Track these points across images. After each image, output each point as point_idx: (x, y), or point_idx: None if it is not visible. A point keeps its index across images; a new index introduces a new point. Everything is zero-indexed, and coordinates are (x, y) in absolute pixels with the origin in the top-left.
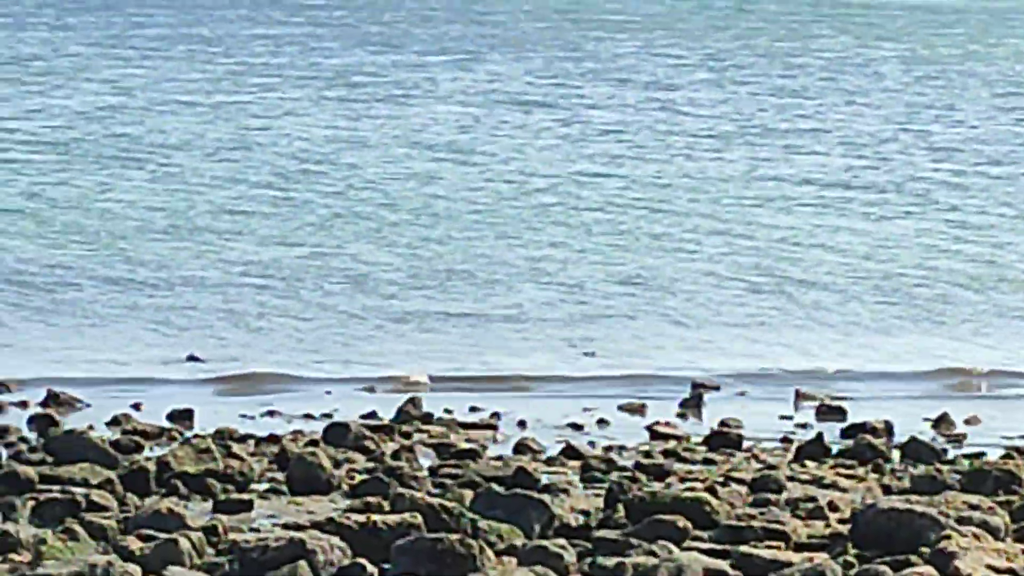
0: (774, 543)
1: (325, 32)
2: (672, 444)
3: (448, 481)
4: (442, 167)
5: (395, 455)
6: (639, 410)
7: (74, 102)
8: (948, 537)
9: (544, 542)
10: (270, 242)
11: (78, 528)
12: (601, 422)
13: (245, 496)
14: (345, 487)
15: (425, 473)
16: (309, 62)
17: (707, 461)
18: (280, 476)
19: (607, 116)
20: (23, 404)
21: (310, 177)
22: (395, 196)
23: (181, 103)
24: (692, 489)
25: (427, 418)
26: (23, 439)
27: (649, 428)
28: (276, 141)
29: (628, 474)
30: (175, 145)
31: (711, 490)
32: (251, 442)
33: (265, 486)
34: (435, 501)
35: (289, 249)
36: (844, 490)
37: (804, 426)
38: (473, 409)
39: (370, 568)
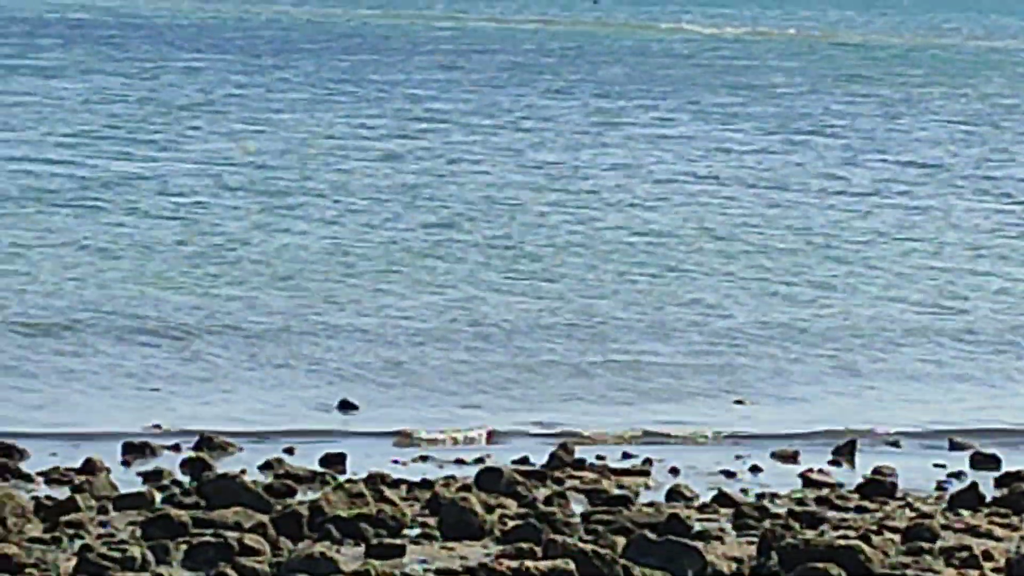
0: None
1: (496, 77)
2: (825, 492)
3: (600, 527)
4: (604, 213)
5: (547, 501)
6: (792, 457)
7: (232, 144)
8: None
9: None
10: (431, 286)
11: (231, 572)
12: (754, 469)
13: (397, 541)
14: (497, 533)
15: (577, 519)
16: (477, 107)
17: (860, 509)
18: (432, 521)
19: (769, 161)
20: (176, 448)
21: (475, 222)
22: (557, 241)
23: (353, 147)
24: (846, 537)
25: (579, 464)
26: (176, 483)
27: (802, 475)
28: (443, 185)
29: (781, 521)
30: (331, 189)
31: (865, 538)
32: (403, 487)
33: (417, 531)
34: (587, 547)
35: (449, 293)
36: (999, 539)
37: (958, 475)
38: (625, 455)
39: None
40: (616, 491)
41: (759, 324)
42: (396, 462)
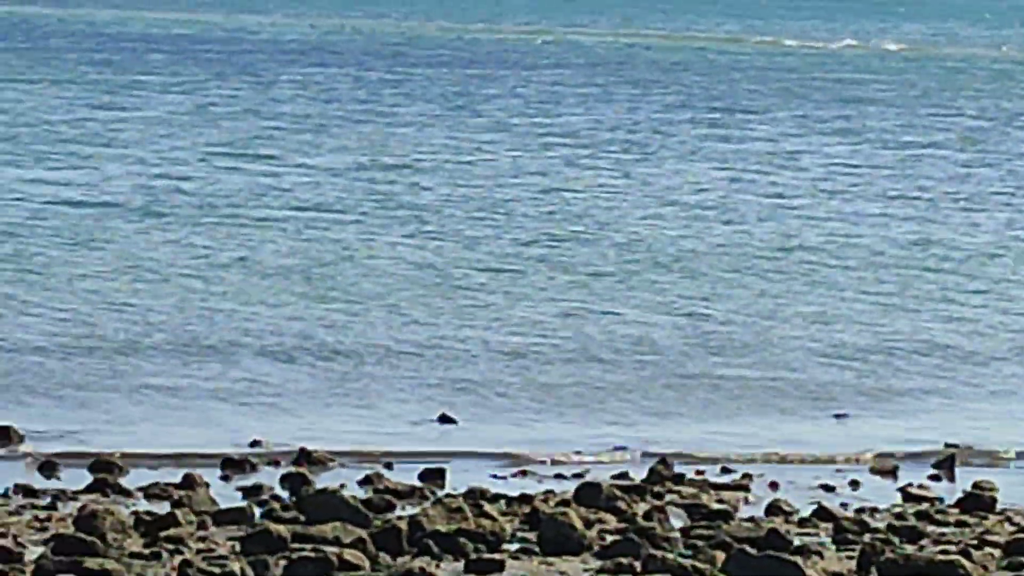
0: None
1: (598, 91)
2: (925, 506)
3: (700, 542)
4: (710, 227)
5: (647, 516)
6: (891, 472)
7: (334, 159)
8: None
9: None
10: (531, 300)
11: None
12: (853, 483)
13: (497, 556)
14: (596, 548)
15: (677, 534)
16: (582, 121)
17: (960, 524)
18: (531, 536)
19: (877, 174)
20: (275, 463)
21: (579, 236)
22: (662, 255)
23: (457, 162)
24: (945, 552)
25: (678, 479)
26: (275, 497)
27: (902, 490)
28: (547, 200)
29: (881, 536)
30: (436, 203)
31: (965, 553)
32: (503, 502)
33: (516, 546)
34: (687, 562)
35: (552, 308)
36: None
37: None
38: (725, 470)
39: None
40: (715, 506)
41: (863, 337)
42: (495, 477)
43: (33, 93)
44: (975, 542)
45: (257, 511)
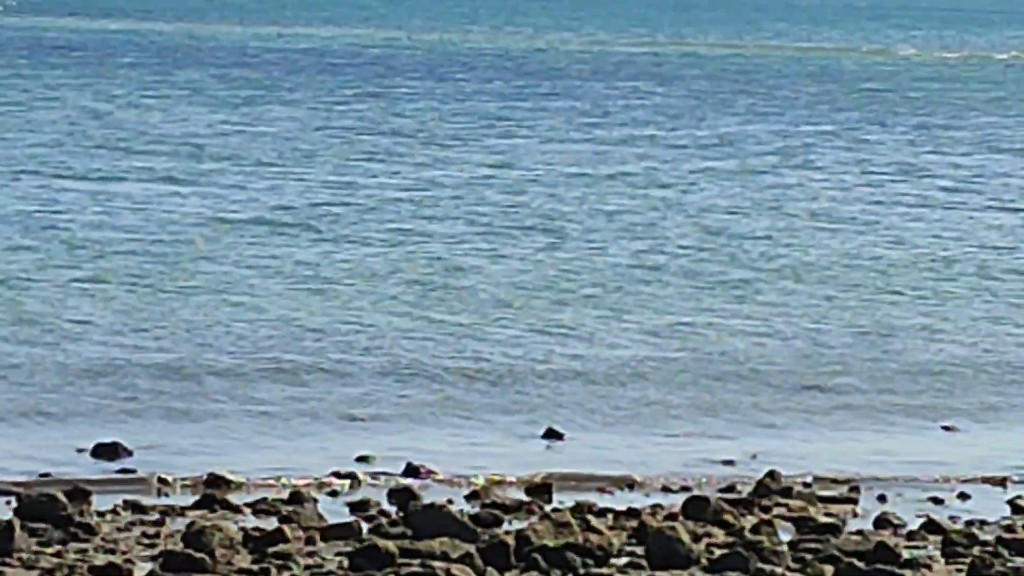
0: None
1: (698, 102)
2: None
3: (808, 556)
4: (820, 238)
5: (754, 529)
6: (1001, 484)
7: (458, 171)
8: None
9: None
10: (646, 311)
11: None
12: (962, 496)
13: (604, 570)
14: (704, 561)
15: (785, 548)
16: (682, 133)
17: None
18: (639, 550)
19: (999, 182)
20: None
21: (686, 249)
22: (767, 266)
23: (567, 174)
24: None
25: (786, 492)
26: (383, 513)
27: (1011, 502)
28: (658, 210)
29: (990, 549)
30: (558, 215)
31: None
32: (610, 516)
33: (624, 560)
34: None
35: (667, 318)
36: None
37: None
38: (833, 482)
39: None
40: (823, 519)
41: (973, 348)
42: (602, 491)
43: (162, 109)
44: None
45: (365, 526)
